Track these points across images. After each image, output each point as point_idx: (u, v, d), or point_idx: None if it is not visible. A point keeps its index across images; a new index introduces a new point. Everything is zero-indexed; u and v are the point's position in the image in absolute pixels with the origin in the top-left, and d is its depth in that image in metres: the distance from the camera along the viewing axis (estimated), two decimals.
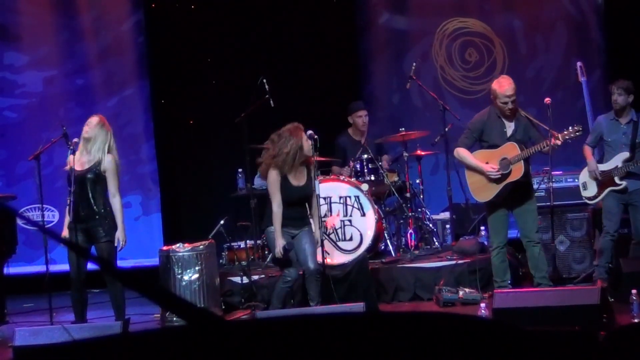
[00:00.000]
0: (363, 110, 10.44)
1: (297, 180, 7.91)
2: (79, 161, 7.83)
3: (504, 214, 8.38)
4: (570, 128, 8.05)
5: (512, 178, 8.15)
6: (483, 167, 8.20)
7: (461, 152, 8.37)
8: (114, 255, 7.92)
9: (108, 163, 7.85)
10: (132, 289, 1.69)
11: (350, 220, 9.14)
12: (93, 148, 7.87)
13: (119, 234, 7.86)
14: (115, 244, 7.84)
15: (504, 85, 8.13)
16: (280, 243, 7.82)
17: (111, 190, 7.87)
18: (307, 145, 7.87)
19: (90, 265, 7.90)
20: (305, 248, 7.95)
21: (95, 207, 7.79)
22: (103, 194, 7.84)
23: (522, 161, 8.13)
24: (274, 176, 7.83)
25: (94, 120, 7.94)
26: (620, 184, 8.47)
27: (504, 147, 8.17)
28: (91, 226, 7.81)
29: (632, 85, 8.55)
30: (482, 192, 8.32)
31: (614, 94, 8.52)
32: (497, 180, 8.19)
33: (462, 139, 8.43)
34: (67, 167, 7.84)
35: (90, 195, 7.79)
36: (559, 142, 7.94)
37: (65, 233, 7.85)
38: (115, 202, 7.89)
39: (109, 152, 7.88)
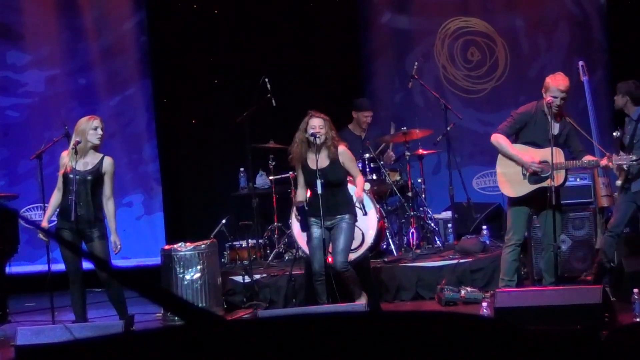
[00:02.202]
0: (370, 112, 10.48)
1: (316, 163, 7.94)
2: (77, 162, 7.77)
3: (527, 212, 8.07)
4: (624, 155, 7.85)
5: (548, 183, 7.77)
6: (522, 157, 7.84)
7: (501, 140, 7.96)
8: (107, 253, 7.87)
9: (109, 165, 7.82)
10: (129, 288, 1.69)
11: None
12: (93, 150, 7.85)
13: (114, 238, 7.82)
14: (113, 248, 7.81)
15: (558, 80, 7.86)
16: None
17: (107, 193, 7.82)
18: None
19: (88, 264, 7.89)
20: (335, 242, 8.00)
21: (92, 209, 7.75)
22: (100, 196, 7.81)
23: (564, 170, 7.82)
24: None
25: (102, 124, 7.88)
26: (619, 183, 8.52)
27: (548, 149, 7.77)
28: (84, 228, 7.75)
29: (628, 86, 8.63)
30: (511, 186, 7.96)
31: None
32: (530, 180, 7.88)
33: (503, 127, 8.04)
34: (66, 168, 7.80)
35: (90, 197, 7.75)
36: (611, 165, 7.75)
37: (44, 225, 7.84)
38: (110, 205, 7.84)
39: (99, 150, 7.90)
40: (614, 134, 8.80)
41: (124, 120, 11.96)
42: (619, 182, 8.55)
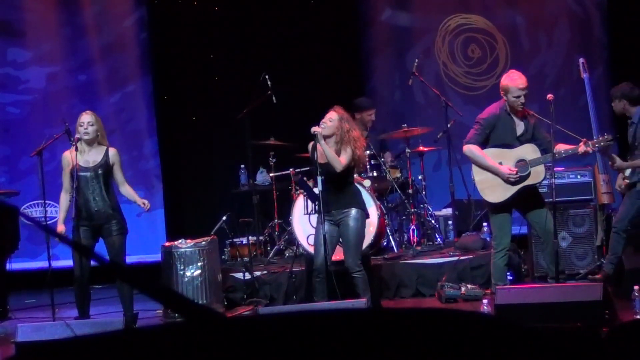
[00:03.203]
0: (373, 109, 10.45)
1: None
2: (82, 159, 7.84)
3: (510, 214, 7.95)
4: (600, 137, 7.80)
5: (531, 181, 7.71)
6: (500, 168, 7.69)
7: (475, 151, 7.80)
8: (124, 248, 8.00)
9: (115, 155, 7.99)
10: (134, 286, 1.70)
11: None
12: (94, 143, 7.92)
13: (141, 201, 8.09)
14: (144, 205, 8.04)
15: (516, 79, 7.77)
16: None
17: (120, 180, 8.03)
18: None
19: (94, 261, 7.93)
20: (343, 241, 7.90)
21: (109, 201, 7.88)
22: (112, 187, 7.95)
23: (542, 165, 7.70)
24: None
25: (88, 117, 7.93)
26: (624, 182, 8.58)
27: (522, 148, 7.74)
28: (104, 221, 7.86)
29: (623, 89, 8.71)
30: (494, 192, 7.81)
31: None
32: (513, 182, 7.73)
33: (474, 135, 7.86)
34: (70, 166, 7.85)
35: (104, 190, 7.88)
36: (590, 150, 7.65)
37: (61, 228, 7.89)
38: (126, 188, 8.09)
39: (103, 142, 7.96)
40: None
41: (124, 117, 11.97)
42: (620, 184, 8.62)
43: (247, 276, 9.15)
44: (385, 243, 9.85)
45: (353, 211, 7.79)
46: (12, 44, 11.97)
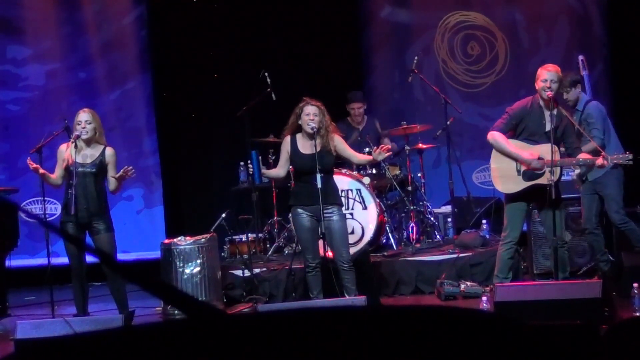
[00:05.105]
0: (356, 103, 10.47)
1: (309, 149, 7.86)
2: (79, 156, 7.82)
3: (525, 208, 7.93)
4: (621, 154, 7.68)
5: (543, 181, 7.64)
6: (522, 155, 7.67)
7: (497, 137, 7.75)
8: (115, 247, 7.98)
9: (111, 156, 7.96)
10: (132, 282, 1.69)
11: (351, 214, 9.12)
12: (92, 141, 7.91)
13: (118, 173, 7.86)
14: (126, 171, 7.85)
15: (546, 65, 7.83)
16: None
17: (112, 174, 7.94)
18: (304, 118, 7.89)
19: (91, 258, 7.93)
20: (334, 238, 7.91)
21: (99, 200, 7.85)
22: (104, 187, 7.92)
23: (559, 167, 7.67)
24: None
25: (85, 116, 7.91)
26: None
27: (544, 146, 7.64)
28: (94, 220, 7.83)
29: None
30: (505, 182, 7.81)
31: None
32: (524, 177, 7.72)
33: (499, 124, 7.83)
34: (67, 161, 7.84)
35: (95, 189, 7.83)
36: (606, 164, 7.55)
37: (41, 170, 7.89)
38: (112, 183, 7.95)
39: (101, 140, 7.93)
40: None
41: (123, 114, 11.97)
42: (577, 172, 8.55)
43: (247, 273, 9.15)
44: (384, 240, 9.86)
45: (337, 208, 7.88)
46: (11, 41, 11.96)
